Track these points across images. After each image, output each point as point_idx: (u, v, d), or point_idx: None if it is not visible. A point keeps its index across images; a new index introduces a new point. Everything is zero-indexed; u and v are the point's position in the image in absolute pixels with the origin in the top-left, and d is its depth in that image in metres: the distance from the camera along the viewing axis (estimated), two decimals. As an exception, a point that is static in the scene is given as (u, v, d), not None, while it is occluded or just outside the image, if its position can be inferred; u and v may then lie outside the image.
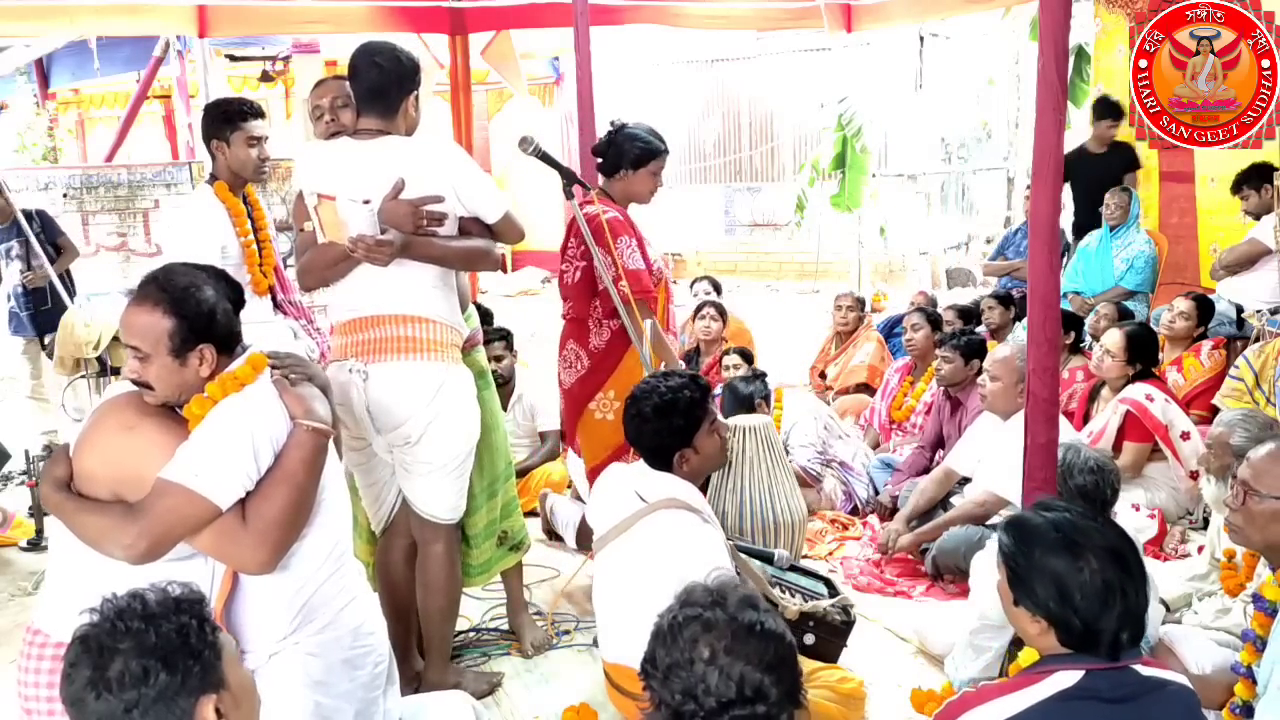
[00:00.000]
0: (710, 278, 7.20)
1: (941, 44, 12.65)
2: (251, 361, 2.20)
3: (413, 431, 2.97)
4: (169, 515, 2.02)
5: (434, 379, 2.96)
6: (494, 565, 3.53)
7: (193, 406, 2.12)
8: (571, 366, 3.79)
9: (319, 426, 2.17)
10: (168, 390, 2.13)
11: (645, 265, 3.67)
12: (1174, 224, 6.68)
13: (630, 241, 3.63)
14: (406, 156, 2.93)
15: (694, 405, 2.88)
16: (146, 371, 2.11)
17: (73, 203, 7.28)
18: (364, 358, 2.95)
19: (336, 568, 2.27)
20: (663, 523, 2.79)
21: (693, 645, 1.66)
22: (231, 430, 2.08)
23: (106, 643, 1.51)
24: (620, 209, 3.73)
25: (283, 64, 12.16)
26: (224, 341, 2.17)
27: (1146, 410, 4.42)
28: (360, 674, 2.30)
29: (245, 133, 3.59)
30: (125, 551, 2.01)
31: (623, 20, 8.17)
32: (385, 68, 2.92)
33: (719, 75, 13.95)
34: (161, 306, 2.10)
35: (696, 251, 14.14)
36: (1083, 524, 1.94)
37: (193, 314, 2.11)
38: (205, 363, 2.13)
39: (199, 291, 2.14)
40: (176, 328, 2.09)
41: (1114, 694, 1.83)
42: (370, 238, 2.81)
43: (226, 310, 2.19)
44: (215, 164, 3.66)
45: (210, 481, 2.03)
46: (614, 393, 3.69)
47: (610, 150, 3.76)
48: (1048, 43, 2.78)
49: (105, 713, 1.49)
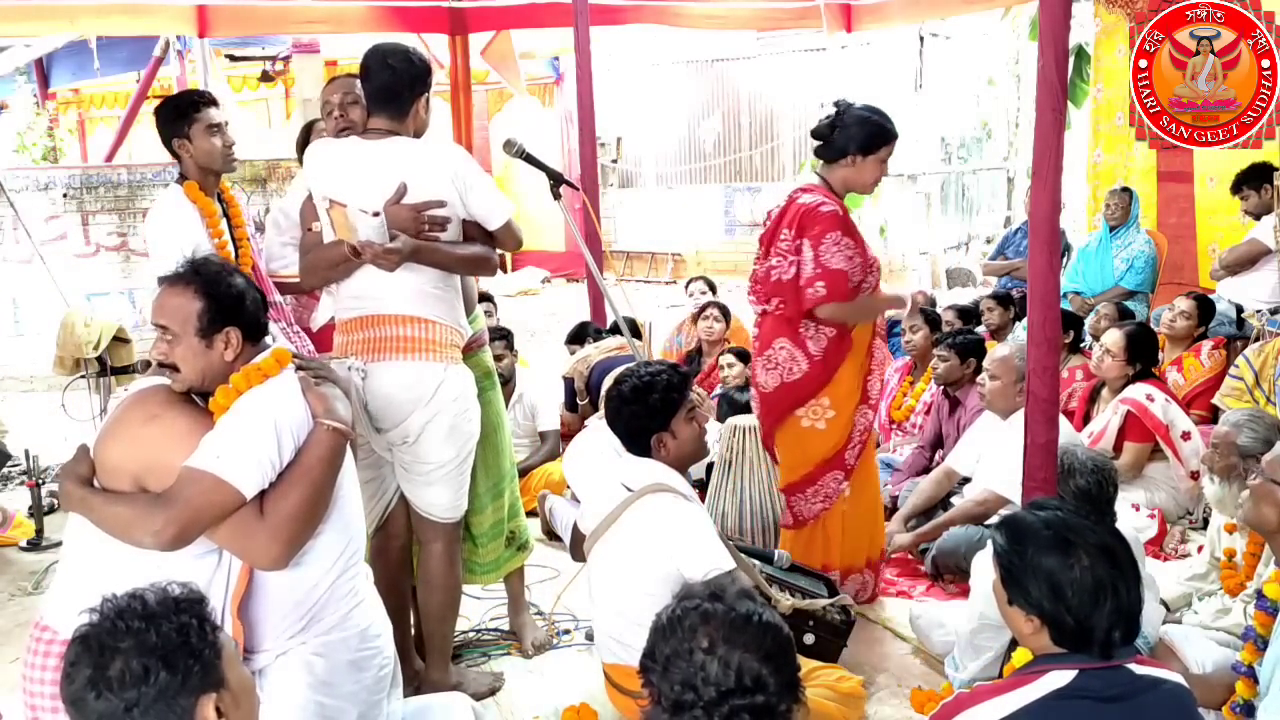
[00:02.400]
0: (705, 278, 7.18)
1: (941, 44, 12.65)
2: (276, 355, 2.24)
3: (411, 431, 2.98)
4: (196, 501, 2.04)
5: (432, 379, 2.96)
6: (502, 565, 3.54)
7: (218, 397, 2.16)
8: (778, 368, 3.58)
9: (339, 426, 2.20)
10: (193, 373, 2.17)
11: (856, 264, 3.45)
12: (1173, 224, 6.69)
13: (838, 238, 3.41)
14: (413, 159, 2.94)
15: (671, 389, 2.93)
16: (173, 352, 2.16)
17: (73, 203, 7.28)
18: (363, 356, 2.96)
19: (347, 569, 2.28)
20: (649, 507, 2.83)
21: (692, 635, 1.68)
22: (256, 420, 2.11)
23: (107, 642, 1.52)
24: (838, 200, 3.52)
25: (283, 64, 12.17)
26: (250, 329, 2.22)
27: (1147, 410, 4.42)
28: (365, 676, 2.31)
29: (204, 122, 3.45)
30: (154, 539, 2.03)
31: (623, 20, 8.18)
32: (397, 69, 2.94)
33: (719, 75, 13.95)
34: (193, 288, 2.17)
35: (696, 251, 14.14)
36: (1075, 522, 1.95)
37: (222, 296, 2.18)
38: (230, 347, 2.18)
39: (230, 277, 2.23)
40: (205, 308, 2.16)
41: (1107, 693, 1.84)
42: (379, 245, 2.84)
43: (255, 300, 2.26)
44: (182, 165, 3.53)
45: (235, 469, 2.06)
46: (829, 400, 3.56)
47: (836, 133, 3.52)
48: (1048, 43, 2.79)
49: (105, 712, 1.49)
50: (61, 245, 7.24)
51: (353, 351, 2.98)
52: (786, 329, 3.56)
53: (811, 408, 3.60)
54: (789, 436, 3.66)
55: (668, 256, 14.40)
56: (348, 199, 2.92)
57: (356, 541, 2.34)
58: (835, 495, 3.70)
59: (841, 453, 3.68)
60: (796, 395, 3.59)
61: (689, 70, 14.11)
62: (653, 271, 14.51)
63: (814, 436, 3.61)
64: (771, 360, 3.59)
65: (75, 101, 15.16)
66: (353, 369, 2.94)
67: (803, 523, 3.74)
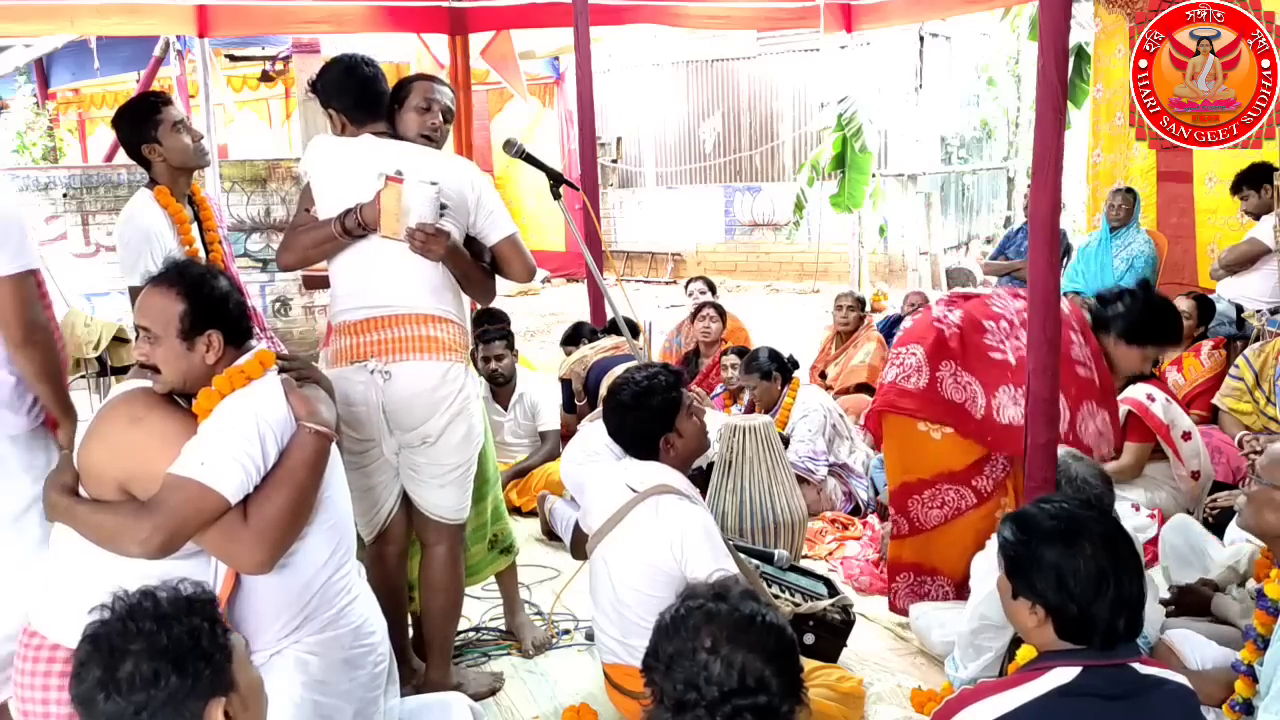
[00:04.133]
0: (704, 278, 7.19)
1: (941, 44, 12.66)
2: (259, 357, 2.23)
3: (432, 432, 2.95)
4: (183, 509, 2.03)
5: (456, 379, 2.96)
6: (485, 568, 3.55)
7: (200, 400, 2.15)
8: (901, 368, 3.54)
9: (322, 430, 2.19)
10: (174, 375, 2.17)
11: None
12: (1172, 224, 6.69)
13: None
14: (438, 156, 2.98)
15: (670, 388, 2.95)
16: (155, 354, 2.16)
17: (73, 203, 7.27)
18: (384, 357, 2.91)
19: (339, 567, 2.27)
20: (654, 507, 2.84)
21: (695, 635, 1.69)
22: (238, 425, 2.10)
23: (118, 643, 1.50)
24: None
25: (283, 64, 12.16)
26: (233, 332, 2.21)
27: (1148, 410, 4.42)
28: (360, 673, 2.30)
29: (169, 120, 3.39)
30: (141, 547, 2.02)
31: (623, 20, 8.17)
32: (380, 78, 3.01)
33: (719, 75, 13.96)
34: (176, 289, 2.17)
35: (696, 251, 14.15)
36: (1080, 514, 1.97)
37: (204, 299, 2.18)
38: (212, 350, 2.17)
39: (213, 280, 2.23)
40: (187, 311, 2.16)
41: (1111, 691, 1.84)
42: (431, 225, 2.81)
43: (239, 303, 2.25)
44: (153, 170, 3.46)
45: (219, 475, 2.05)
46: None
47: (1108, 307, 3.61)
48: (1048, 43, 2.79)
49: (114, 713, 1.48)
50: (61, 245, 7.22)
51: (371, 353, 2.92)
52: (936, 357, 3.48)
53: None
54: (907, 437, 3.54)
55: (668, 256, 14.41)
56: (406, 168, 2.85)
57: (347, 539, 2.33)
58: (960, 509, 3.54)
59: (969, 474, 3.51)
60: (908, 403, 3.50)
61: (689, 70, 14.12)
62: (653, 271, 14.52)
63: (929, 444, 3.50)
64: (899, 358, 3.55)
65: (75, 101, 15.17)
66: (375, 372, 2.90)
67: (919, 529, 3.59)
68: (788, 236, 12.91)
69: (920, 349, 3.52)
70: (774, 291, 13.02)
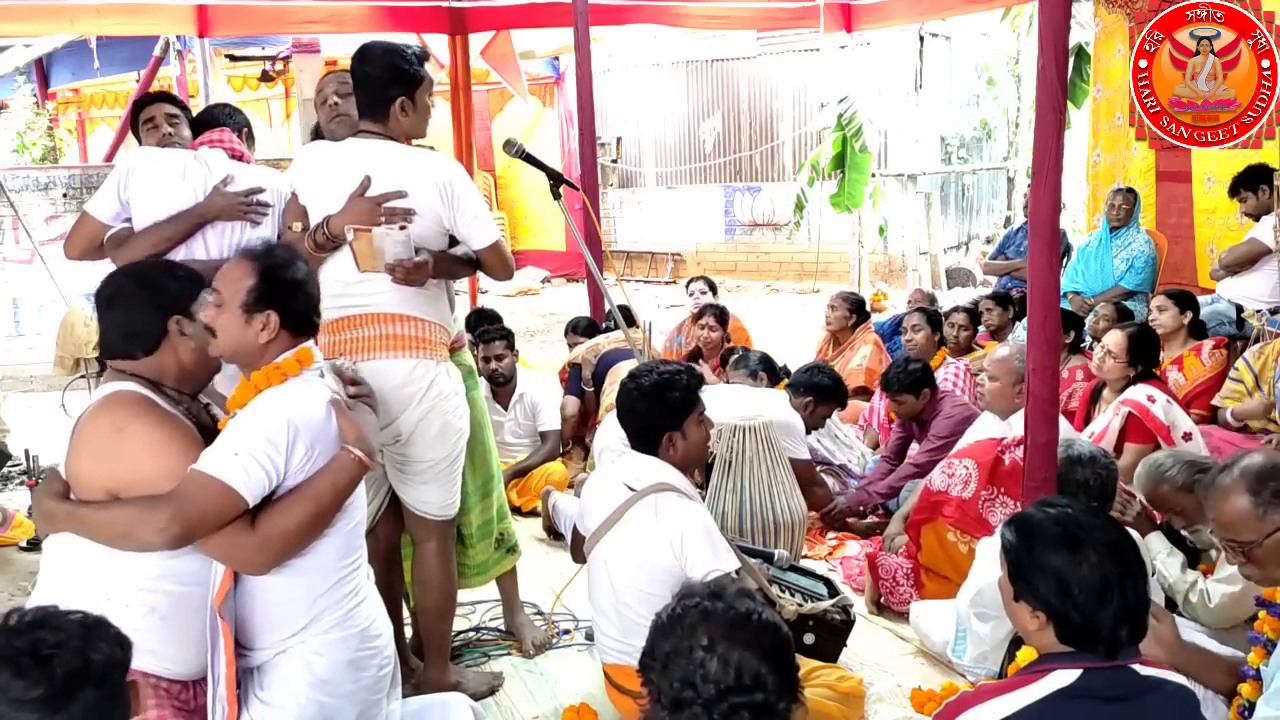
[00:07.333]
0: (705, 278, 7.19)
1: (941, 44, 12.66)
2: (299, 355, 2.25)
3: (403, 429, 2.97)
4: (202, 503, 2.03)
5: (424, 376, 2.97)
6: (491, 567, 3.54)
7: (236, 394, 2.20)
8: (954, 477, 3.80)
9: (364, 459, 2.20)
10: (227, 343, 2.23)
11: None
12: (1172, 224, 6.69)
13: None
14: (396, 161, 2.93)
15: (689, 389, 2.95)
16: (218, 318, 2.22)
17: (73, 203, 7.28)
18: (353, 355, 2.94)
19: (350, 569, 2.28)
20: (652, 505, 2.84)
21: (691, 633, 1.69)
22: (268, 428, 2.10)
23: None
24: None
25: (282, 64, 12.16)
26: (293, 319, 2.26)
27: (1148, 411, 4.41)
28: (365, 676, 2.30)
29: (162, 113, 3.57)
30: (160, 535, 2.02)
31: (623, 20, 8.19)
32: (370, 73, 2.96)
33: (719, 75, 13.96)
34: (253, 264, 2.23)
35: (697, 251, 14.15)
36: (1084, 519, 1.95)
37: (274, 279, 2.23)
38: (267, 329, 2.21)
39: (293, 264, 2.29)
40: (255, 286, 2.21)
41: (1111, 693, 1.84)
42: (408, 261, 2.85)
43: (309, 295, 2.30)
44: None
45: (244, 477, 2.06)
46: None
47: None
48: (1048, 43, 2.79)
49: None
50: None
51: (342, 351, 2.96)
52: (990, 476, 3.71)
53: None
54: (935, 539, 3.77)
55: (668, 256, 14.40)
56: (334, 195, 2.91)
57: (359, 541, 2.33)
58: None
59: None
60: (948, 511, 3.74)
61: (689, 70, 14.12)
62: (653, 271, 14.52)
63: (957, 555, 3.69)
64: (950, 468, 3.83)
65: (75, 101, 15.17)
66: (343, 368, 2.94)
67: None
68: (788, 236, 12.92)
69: (973, 463, 3.77)
70: (774, 292, 13.02)
